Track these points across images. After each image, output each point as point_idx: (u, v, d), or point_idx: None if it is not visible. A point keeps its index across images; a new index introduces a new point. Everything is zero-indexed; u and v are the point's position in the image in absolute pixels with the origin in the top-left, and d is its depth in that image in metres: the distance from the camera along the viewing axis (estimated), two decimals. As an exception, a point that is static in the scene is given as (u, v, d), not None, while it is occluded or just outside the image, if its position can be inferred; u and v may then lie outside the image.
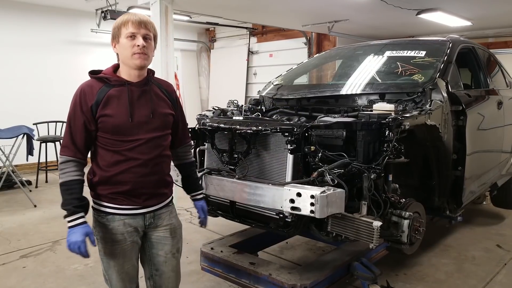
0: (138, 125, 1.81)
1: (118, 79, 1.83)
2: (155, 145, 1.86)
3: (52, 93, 7.48)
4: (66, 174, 1.77)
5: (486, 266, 3.49)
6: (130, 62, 1.81)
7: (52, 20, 7.52)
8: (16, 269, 3.47)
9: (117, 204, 1.84)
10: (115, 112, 1.78)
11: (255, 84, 9.21)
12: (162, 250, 1.99)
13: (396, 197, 2.51)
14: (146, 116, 1.84)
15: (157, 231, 1.97)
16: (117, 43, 1.84)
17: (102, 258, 1.91)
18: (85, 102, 1.77)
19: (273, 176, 2.47)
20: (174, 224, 2.02)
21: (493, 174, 3.94)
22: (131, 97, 1.82)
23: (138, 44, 1.78)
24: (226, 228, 4.04)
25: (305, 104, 3.37)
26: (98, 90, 1.79)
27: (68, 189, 1.76)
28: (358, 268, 2.72)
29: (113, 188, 1.82)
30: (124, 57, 1.82)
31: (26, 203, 5.30)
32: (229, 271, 2.79)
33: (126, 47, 1.79)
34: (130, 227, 1.87)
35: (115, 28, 1.83)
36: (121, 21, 1.82)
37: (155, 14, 4.64)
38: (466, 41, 3.87)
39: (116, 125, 1.78)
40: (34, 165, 6.57)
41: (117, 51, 1.85)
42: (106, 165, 1.81)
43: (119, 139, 1.79)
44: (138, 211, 1.88)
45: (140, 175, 1.82)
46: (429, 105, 2.78)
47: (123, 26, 1.80)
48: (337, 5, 5.51)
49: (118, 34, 1.81)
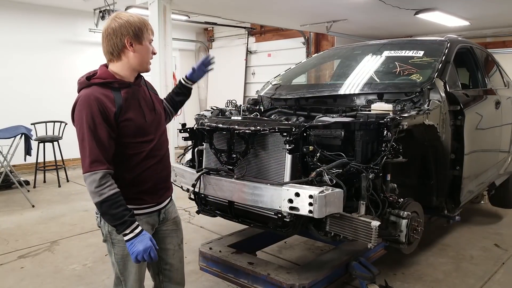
0: (151, 124, 1.86)
1: (121, 82, 1.79)
2: (164, 140, 1.95)
3: (50, 93, 7.48)
4: (108, 189, 1.67)
5: (484, 265, 3.50)
6: (145, 67, 1.85)
7: (50, 20, 7.51)
8: (14, 269, 3.46)
9: (141, 204, 1.87)
10: (134, 115, 1.79)
11: (253, 84, 9.22)
12: (170, 243, 2.05)
13: (394, 196, 2.51)
14: (153, 113, 1.89)
15: (165, 225, 2.03)
16: (138, 45, 1.78)
17: (118, 261, 1.88)
18: (104, 111, 1.69)
19: (272, 176, 2.47)
20: (178, 216, 2.12)
21: (491, 173, 3.95)
22: (138, 97, 1.85)
23: (155, 52, 1.86)
24: (225, 228, 4.04)
25: (303, 104, 3.37)
26: (113, 96, 1.73)
27: (115, 203, 1.68)
28: (356, 267, 2.73)
29: (137, 188, 1.84)
30: (141, 60, 1.81)
31: (24, 203, 5.29)
32: (227, 271, 2.79)
33: (148, 52, 1.82)
34: (148, 226, 1.90)
35: (137, 28, 1.76)
36: (141, 23, 1.78)
37: (153, 13, 4.63)
38: (464, 41, 3.88)
39: (137, 127, 1.79)
40: (32, 165, 6.56)
41: (135, 52, 1.78)
42: (128, 168, 1.81)
43: (139, 141, 1.81)
44: (155, 208, 1.93)
45: (158, 172, 1.89)
46: (427, 105, 2.78)
47: (145, 30, 1.79)
48: (336, 5, 5.52)
49: (142, 36, 1.78)
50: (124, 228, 1.69)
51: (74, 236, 4.19)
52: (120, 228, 1.70)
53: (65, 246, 3.93)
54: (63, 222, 4.65)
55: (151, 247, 1.71)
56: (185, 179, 2.80)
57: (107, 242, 1.89)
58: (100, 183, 1.66)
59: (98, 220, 1.92)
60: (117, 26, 1.74)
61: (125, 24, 1.74)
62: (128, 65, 1.80)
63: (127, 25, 1.74)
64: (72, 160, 7.70)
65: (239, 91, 9.37)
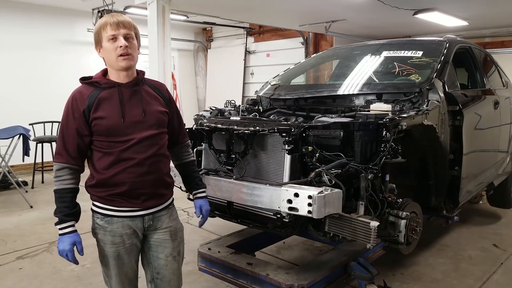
0: (130, 125, 1.81)
1: (108, 82, 1.84)
2: (150, 143, 1.85)
3: (48, 93, 7.45)
4: (59, 182, 1.79)
5: (483, 265, 3.50)
6: (116, 65, 1.82)
7: (48, 20, 7.49)
8: (12, 270, 3.45)
9: (114, 206, 1.84)
10: (107, 114, 1.79)
11: (252, 84, 9.21)
12: (162, 253, 1.97)
13: (393, 197, 2.51)
14: (138, 115, 1.84)
15: (156, 233, 1.95)
16: (100, 48, 1.84)
17: (100, 260, 1.92)
18: (77, 108, 1.78)
19: (271, 176, 2.47)
20: (174, 227, 1.99)
21: (489, 173, 3.95)
22: (122, 97, 1.82)
23: (120, 45, 1.78)
24: (224, 228, 4.03)
25: (302, 104, 3.37)
26: (89, 94, 1.80)
27: (60, 197, 1.79)
28: (355, 268, 2.72)
29: (110, 190, 1.82)
30: (110, 60, 1.83)
31: (22, 204, 5.27)
32: (226, 272, 2.78)
33: (110, 50, 1.80)
34: (129, 229, 1.87)
35: (95, 33, 1.84)
36: (99, 25, 1.82)
37: (152, 13, 4.63)
38: (462, 41, 3.88)
39: (109, 127, 1.78)
40: (30, 165, 6.54)
41: (102, 55, 1.85)
42: (103, 168, 1.81)
43: (113, 140, 1.79)
44: (136, 213, 1.87)
45: (136, 175, 1.81)
46: (426, 105, 2.78)
47: (103, 30, 1.80)
48: (334, 5, 5.52)
49: (100, 39, 1.82)
50: (57, 222, 1.80)
51: (73, 237, 4.17)
52: (57, 222, 1.80)
53: (63, 247, 3.92)
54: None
55: (69, 250, 1.79)
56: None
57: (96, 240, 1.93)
58: (56, 175, 1.80)
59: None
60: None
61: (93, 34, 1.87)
62: (108, 67, 1.88)
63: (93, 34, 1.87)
64: (70, 160, 7.69)
65: (238, 91, 9.36)
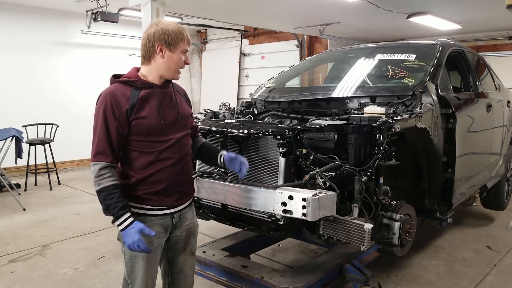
0: (169, 126, 1.87)
1: (145, 83, 1.86)
2: (183, 144, 1.94)
3: (41, 95, 7.41)
4: (104, 180, 1.75)
5: (476, 267, 3.52)
6: (170, 75, 1.87)
7: (41, 21, 7.45)
8: (5, 274, 3.42)
9: (149, 205, 1.87)
10: (148, 114, 1.81)
11: (247, 86, 9.22)
12: (183, 249, 2.05)
13: (387, 199, 2.52)
14: (174, 116, 1.91)
15: (180, 230, 2.02)
16: (168, 52, 1.83)
17: (126, 262, 1.90)
18: (118, 106, 1.77)
19: (265, 179, 2.47)
20: (194, 223, 2.10)
21: (482, 176, 3.98)
22: (160, 98, 1.86)
23: (188, 62, 1.89)
24: (218, 231, 4.02)
25: (296, 106, 3.38)
26: (130, 94, 1.80)
27: (109, 194, 1.75)
28: (350, 270, 2.73)
29: (148, 188, 1.85)
30: (167, 68, 1.85)
31: (14, 207, 5.23)
32: (221, 275, 2.78)
33: (177, 61, 1.85)
34: (160, 228, 1.90)
35: (173, 37, 1.82)
36: (179, 34, 1.83)
37: (146, 16, 4.62)
38: (455, 44, 3.91)
39: (150, 126, 1.82)
40: (23, 168, 6.49)
41: (163, 58, 1.83)
42: (141, 167, 1.84)
43: (152, 140, 1.83)
44: (168, 211, 1.92)
45: (173, 174, 1.88)
46: (419, 108, 2.80)
47: (181, 40, 1.83)
48: (328, 8, 5.55)
49: (176, 46, 1.83)
50: (114, 219, 1.77)
51: (66, 240, 4.15)
52: (113, 219, 1.77)
53: (56, 250, 3.89)
54: (55, 225, 4.61)
55: (139, 240, 1.75)
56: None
57: (120, 241, 1.90)
58: (99, 174, 1.75)
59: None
60: (152, 32, 1.83)
61: (160, 31, 1.82)
62: (155, 69, 1.86)
63: (161, 32, 1.82)
64: (63, 163, 7.65)
65: (233, 94, 9.36)
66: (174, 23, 1.88)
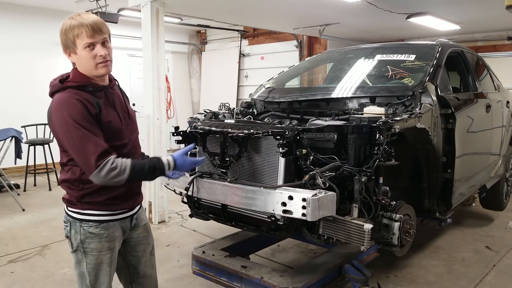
0: (125, 128, 1.82)
1: (95, 85, 1.74)
2: (136, 145, 1.91)
3: (40, 95, 7.27)
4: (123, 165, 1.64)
5: (476, 267, 3.53)
6: (94, 72, 1.70)
7: (41, 22, 7.43)
8: (4, 274, 3.41)
9: (111, 210, 1.81)
10: (112, 118, 1.74)
11: (246, 87, 9.22)
12: (143, 250, 2.01)
13: (387, 199, 2.52)
14: (126, 118, 1.84)
15: (136, 231, 1.98)
16: (73, 53, 1.70)
17: (90, 271, 1.81)
18: (89, 111, 1.65)
19: (265, 179, 2.47)
20: (147, 221, 2.06)
21: (482, 176, 3.98)
22: (113, 100, 1.79)
23: (100, 54, 1.67)
24: (218, 231, 4.02)
25: (296, 107, 3.38)
26: (91, 99, 1.68)
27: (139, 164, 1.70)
28: (349, 270, 2.73)
29: (109, 194, 1.78)
30: (87, 68, 1.70)
31: (14, 207, 5.22)
32: (220, 275, 2.78)
33: (87, 59, 1.67)
34: (121, 232, 1.87)
35: (66, 38, 1.67)
36: (70, 30, 1.65)
37: (146, 16, 4.62)
38: (455, 45, 3.92)
39: (116, 131, 1.75)
40: (22, 168, 6.49)
41: (74, 60, 1.72)
42: None
43: (115, 144, 1.74)
44: (128, 214, 1.89)
45: None
46: (418, 108, 2.80)
47: (77, 37, 1.64)
48: (328, 9, 5.54)
49: (73, 45, 1.67)
50: (162, 170, 1.76)
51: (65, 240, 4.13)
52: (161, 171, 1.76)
53: (56, 250, 3.89)
54: (54, 225, 4.60)
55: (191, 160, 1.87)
56: (178, 182, 2.79)
57: (77, 252, 1.81)
58: (116, 164, 1.63)
59: (68, 230, 1.82)
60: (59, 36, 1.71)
61: (60, 34, 1.70)
62: (83, 71, 1.73)
63: (60, 35, 1.70)
64: (63, 163, 7.63)
65: (232, 94, 9.36)
66: (76, 14, 1.69)
